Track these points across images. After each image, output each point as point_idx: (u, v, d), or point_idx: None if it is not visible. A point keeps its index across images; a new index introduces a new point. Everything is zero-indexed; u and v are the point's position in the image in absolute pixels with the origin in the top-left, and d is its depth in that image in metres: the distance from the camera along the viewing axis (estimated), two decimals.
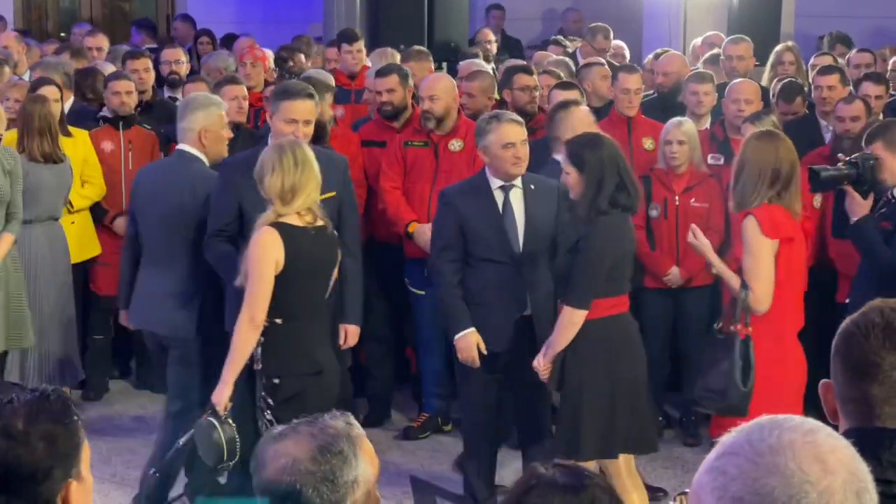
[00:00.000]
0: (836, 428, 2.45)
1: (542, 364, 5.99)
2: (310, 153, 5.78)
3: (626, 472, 6.12)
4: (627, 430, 5.96)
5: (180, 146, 6.75)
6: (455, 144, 7.74)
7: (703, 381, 5.92)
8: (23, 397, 2.83)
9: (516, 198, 6.50)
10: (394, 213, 7.80)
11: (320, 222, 5.78)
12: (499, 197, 6.49)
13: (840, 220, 6.53)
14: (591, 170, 5.85)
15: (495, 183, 6.49)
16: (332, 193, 6.52)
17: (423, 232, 7.61)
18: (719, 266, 5.98)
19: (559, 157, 6.68)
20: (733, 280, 5.87)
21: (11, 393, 2.84)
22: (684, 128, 7.76)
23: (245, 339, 5.64)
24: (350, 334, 6.71)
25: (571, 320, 5.88)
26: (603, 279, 5.86)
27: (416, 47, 9.79)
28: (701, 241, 6.02)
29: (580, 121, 6.96)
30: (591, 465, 5.84)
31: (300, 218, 5.68)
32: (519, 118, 6.60)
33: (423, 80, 8.11)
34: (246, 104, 8.19)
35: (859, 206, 6.26)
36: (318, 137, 7.54)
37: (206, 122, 6.63)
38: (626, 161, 6.00)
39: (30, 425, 2.78)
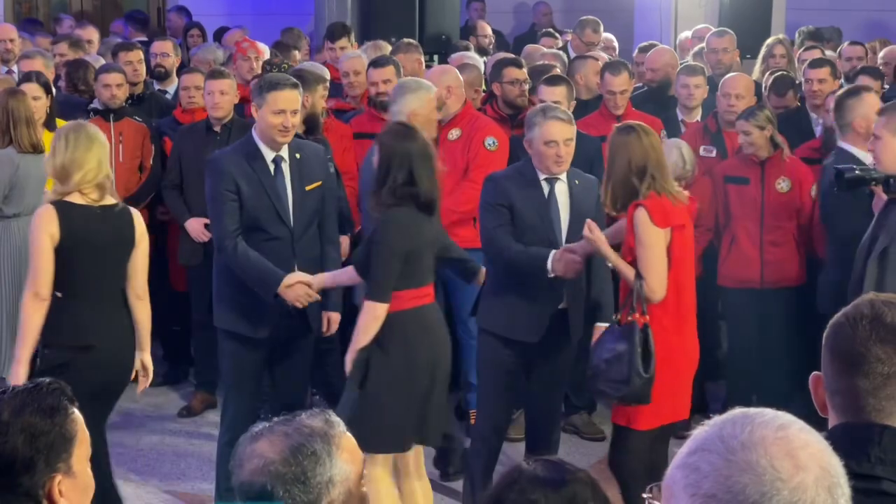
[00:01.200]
0: (821, 422, 2.45)
1: (347, 360, 5.92)
2: (93, 135, 5.90)
3: (413, 465, 6.10)
4: (421, 420, 5.93)
5: None
6: (454, 133, 7.77)
7: (604, 373, 5.93)
8: (17, 389, 2.86)
9: (561, 191, 6.46)
10: None
11: (110, 201, 5.91)
12: (545, 188, 6.46)
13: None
14: (383, 158, 5.87)
15: (540, 175, 6.47)
16: (318, 183, 6.55)
17: None
18: (614, 259, 5.96)
19: (845, 144, 6.90)
20: (628, 271, 5.88)
21: (14, 385, 2.88)
22: (684, 151, 7.69)
23: (30, 313, 5.78)
24: (332, 321, 6.72)
25: (373, 314, 5.84)
26: (396, 272, 5.82)
27: (406, 40, 9.79)
28: (596, 235, 6.01)
29: (871, 107, 6.94)
30: (382, 458, 5.90)
31: (83, 196, 5.82)
32: (566, 116, 6.46)
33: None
34: (223, 99, 8.14)
35: None
36: (311, 129, 7.58)
37: (415, 106, 7.03)
38: (431, 161, 5.91)
39: (14, 417, 2.81)
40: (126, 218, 6.00)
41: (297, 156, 6.49)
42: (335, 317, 6.76)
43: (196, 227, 8.14)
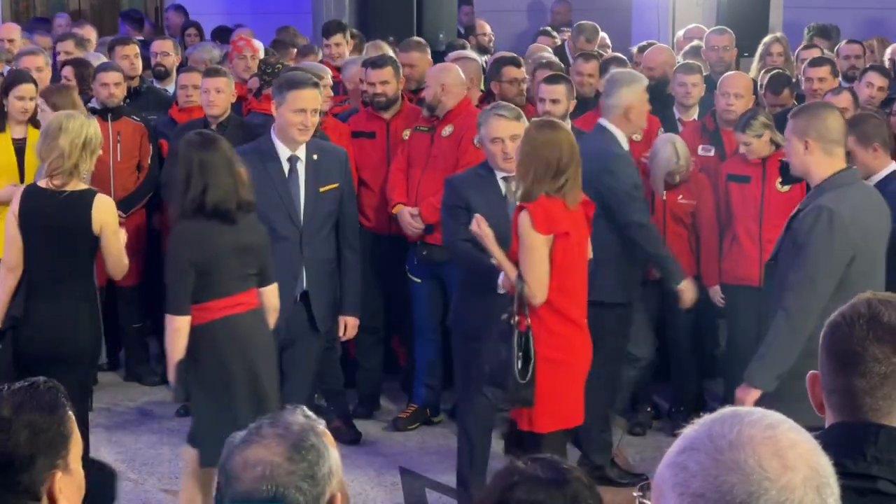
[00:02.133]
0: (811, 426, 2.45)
1: (169, 377, 5.95)
2: (63, 126, 6.11)
3: None
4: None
5: (601, 120, 7.14)
6: (447, 130, 7.79)
7: (489, 376, 5.94)
8: (13, 387, 2.88)
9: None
10: (388, 193, 7.93)
11: (75, 188, 6.20)
12: (502, 186, 6.48)
13: None
14: (183, 168, 5.90)
15: (498, 174, 6.48)
16: (335, 185, 6.56)
17: (403, 214, 7.73)
18: (500, 257, 5.96)
19: None
20: (511, 272, 5.88)
21: (3, 384, 2.89)
22: (678, 146, 7.70)
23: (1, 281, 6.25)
24: (349, 326, 6.75)
25: (172, 327, 5.88)
26: (188, 285, 5.83)
27: (415, 38, 9.80)
28: (483, 230, 6.02)
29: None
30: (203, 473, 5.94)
31: (48, 181, 6.21)
32: (512, 113, 6.50)
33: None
34: (219, 97, 8.14)
35: None
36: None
37: (631, 99, 7.02)
38: (231, 169, 5.88)
39: (15, 413, 2.82)
40: (83, 204, 6.20)
41: (315, 157, 6.52)
42: (352, 321, 6.80)
43: None
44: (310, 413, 2.70)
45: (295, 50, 10.69)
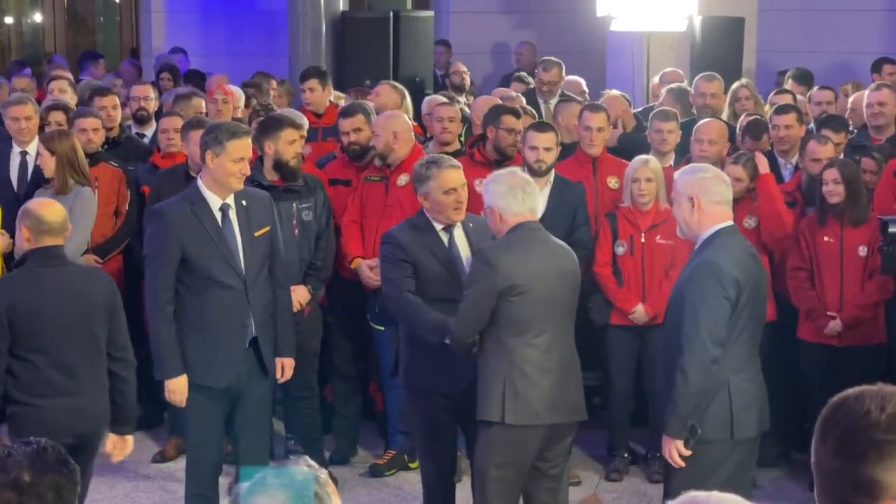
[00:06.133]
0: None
1: None
2: None
3: None
4: None
5: None
6: (402, 179, 7.78)
7: None
8: (22, 450, 2.95)
9: (460, 236, 6.47)
10: (343, 248, 7.94)
11: None
12: (444, 237, 6.47)
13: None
14: None
15: (437, 225, 6.47)
16: (267, 229, 6.53)
17: (362, 268, 7.79)
18: None
19: None
20: None
21: (8, 447, 2.96)
22: (651, 165, 7.81)
23: None
24: (286, 367, 6.68)
25: None
26: None
27: (391, 81, 9.86)
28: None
29: None
30: None
31: None
32: (457, 163, 6.56)
33: None
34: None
35: None
36: (287, 176, 7.57)
37: None
38: None
39: (38, 477, 2.91)
40: None
41: (244, 202, 6.47)
42: (289, 362, 6.71)
43: None
44: (313, 463, 2.77)
45: (271, 91, 10.74)
